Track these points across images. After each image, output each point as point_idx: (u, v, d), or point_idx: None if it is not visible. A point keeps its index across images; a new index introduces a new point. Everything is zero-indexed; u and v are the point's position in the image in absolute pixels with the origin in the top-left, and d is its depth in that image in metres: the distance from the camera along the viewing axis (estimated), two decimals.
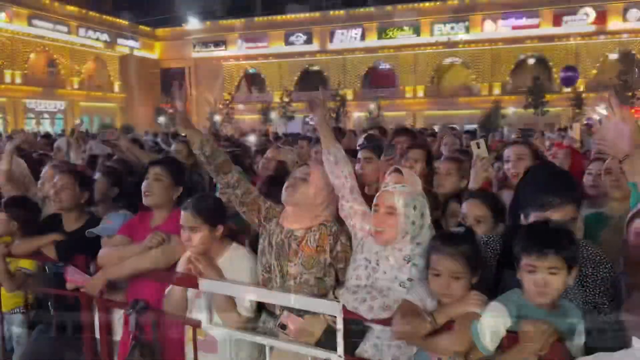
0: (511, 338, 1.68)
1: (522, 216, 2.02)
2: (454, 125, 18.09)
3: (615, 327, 1.69)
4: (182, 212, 2.45)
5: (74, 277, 2.79)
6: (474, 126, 31.19)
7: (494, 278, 1.99)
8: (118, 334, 2.90)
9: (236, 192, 2.44)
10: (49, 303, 3.06)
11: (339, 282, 2.30)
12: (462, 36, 41.73)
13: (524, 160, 2.96)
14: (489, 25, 41.71)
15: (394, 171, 2.65)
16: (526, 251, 1.70)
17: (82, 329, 2.92)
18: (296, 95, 40.07)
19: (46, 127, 36.91)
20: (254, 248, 2.56)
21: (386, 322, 1.92)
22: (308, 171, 2.36)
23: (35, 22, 38.06)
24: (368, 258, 2.12)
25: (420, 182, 2.65)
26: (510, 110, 37.28)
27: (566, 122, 30.66)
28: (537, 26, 40.59)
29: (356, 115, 40.71)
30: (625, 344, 1.45)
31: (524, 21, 40.75)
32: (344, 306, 2.02)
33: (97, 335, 2.92)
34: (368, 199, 2.36)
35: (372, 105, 37.86)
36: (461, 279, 1.82)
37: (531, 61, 41.28)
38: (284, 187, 2.36)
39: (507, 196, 2.67)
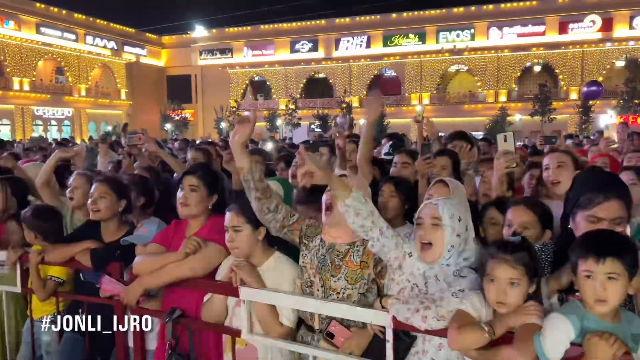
0: (574, 350, 1.64)
1: (570, 220, 2.00)
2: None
3: None
4: (227, 213, 2.45)
5: (108, 286, 2.76)
6: (480, 133, 31.16)
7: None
8: (152, 344, 2.87)
9: (277, 216, 2.38)
10: (80, 311, 3.03)
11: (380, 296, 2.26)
12: (467, 43, 41.79)
13: (564, 167, 2.91)
14: (494, 32, 41.79)
15: (439, 182, 2.63)
16: (583, 256, 1.66)
17: (115, 338, 2.90)
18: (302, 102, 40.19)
19: (53, 134, 37.09)
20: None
21: (440, 332, 1.89)
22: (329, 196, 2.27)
23: (44, 30, 38.40)
24: (411, 280, 2.07)
25: (464, 192, 2.63)
26: (516, 117, 37.22)
27: (574, 129, 30.62)
28: (542, 33, 40.65)
29: (362, 122, 40.69)
30: None
31: (529, 28, 40.81)
32: (393, 317, 1.99)
33: (131, 344, 2.90)
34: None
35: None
36: (518, 286, 1.78)
37: (537, 68, 41.33)
38: (323, 208, 2.30)
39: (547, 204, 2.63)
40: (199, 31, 45.04)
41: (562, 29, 40.24)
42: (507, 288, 1.77)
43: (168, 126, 41.70)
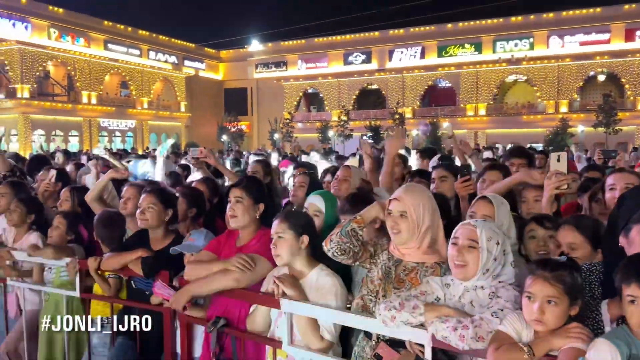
0: None
1: (621, 237, 1.91)
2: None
3: None
4: (274, 221, 2.52)
5: (161, 290, 2.88)
6: (540, 145, 30.09)
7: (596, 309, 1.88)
8: (198, 351, 2.96)
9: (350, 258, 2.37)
10: (132, 317, 3.17)
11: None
12: (526, 53, 40.58)
13: None
14: (554, 41, 40.39)
15: (482, 199, 2.58)
16: (626, 281, 1.61)
17: (163, 344, 3.01)
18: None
19: (117, 144, 39.00)
20: None
21: (480, 353, 1.84)
22: (402, 206, 2.25)
23: (111, 46, 40.65)
24: (447, 303, 2.03)
25: (509, 210, 2.56)
26: (578, 128, 35.69)
27: None
28: (607, 41, 38.88)
29: (415, 134, 40.30)
30: None
31: (593, 36, 39.14)
32: (432, 335, 1.96)
33: (178, 351, 3.00)
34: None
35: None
36: (556, 305, 1.71)
37: (601, 78, 39.49)
38: (389, 228, 2.27)
39: None
40: (255, 45, 46.24)
41: (629, 37, 38.31)
42: (545, 306, 1.72)
43: (224, 138, 42.87)
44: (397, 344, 2.19)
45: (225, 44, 51.18)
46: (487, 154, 8.89)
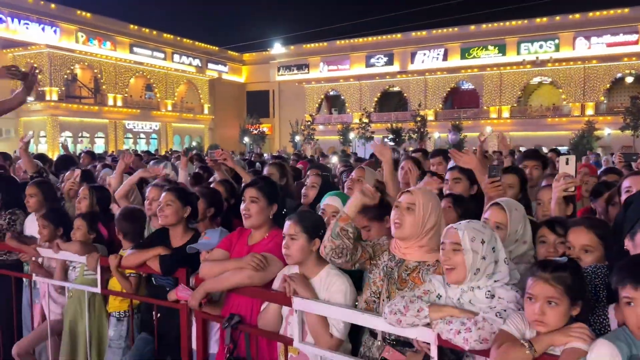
0: None
1: (627, 240, 1.92)
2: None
3: None
4: (286, 222, 2.59)
5: (182, 292, 2.99)
6: (565, 148, 29.59)
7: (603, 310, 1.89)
8: (214, 347, 3.04)
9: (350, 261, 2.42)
10: (153, 313, 3.28)
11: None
12: (551, 54, 39.93)
13: None
14: (581, 42, 39.66)
15: (494, 205, 2.58)
16: (621, 282, 1.64)
17: (180, 340, 3.10)
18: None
19: (142, 146, 39.67)
20: None
21: (484, 353, 1.88)
22: (412, 199, 2.30)
23: (136, 49, 41.40)
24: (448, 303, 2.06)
25: (523, 213, 2.56)
26: (605, 131, 34.95)
27: None
28: (636, 42, 38.01)
29: (437, 136, 40.01)
30: None
31: (620, 37, 38.32)
32: (438, 334, 2.00)
33: (194, 347, 3.09)
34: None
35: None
36: (557, 306, 1.74)
37: (629, 79, 38.59)
38: (392, 220, 2.31)
39: None
40: (277, 48, 46.54)
41: None
42: (546, 307, 1.74)
43: (246, 139, 43.24)
44: (402, 344, 2.23)
45: (247, 47, 51.69)
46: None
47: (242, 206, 2.88)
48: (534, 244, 2.60)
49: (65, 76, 36.85)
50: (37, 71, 3.93)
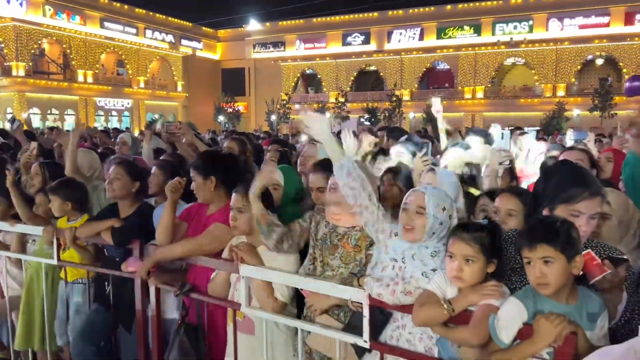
0: (527, 330, 1.73)
1: (546, 210, 2.05)
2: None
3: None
4: (233, 194, 2.67)
5: (132, 265, 3.07)
6: (536, 129, 30.17)
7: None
8: (168, 313, 3.14)
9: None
10: (106, 283, 3.34)
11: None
12: (525, 36, 40.35)
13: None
14: (554, 24, 40.14)
15: (430, 171, 2.76)
16: (520, 245, 1.80)
17: (135, 308, 3.18)
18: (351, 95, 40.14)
19: (114, 124, 38.96)
20: None
21: (407, 308, 2.02)
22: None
23: (107, 24, 40.29)
24: (394, 257, 2.19)
25: (457, 180, 2.72)
26: (574, 112, 35.70)
27: None
28: (607, 25, 38.64)
29: (412, 116, 40.31)
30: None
31: (592, 20, 38.90)
32: (369, 294, 2.13)
33: (149, 314, 3.17)
34: None
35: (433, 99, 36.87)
36: (473, 263, 1.89)
37: (599, 62, 39.34)
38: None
39: None
40: (253, 25, 45.84)
41: (628, 20, 38.06)
42: (463, 264, 1.89)
43: (221, 118, 42.83)
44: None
45: (222, 23, 50.86)
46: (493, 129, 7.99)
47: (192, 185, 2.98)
48: (472, 214, 2.77)
49: (33, 51, 35.73)
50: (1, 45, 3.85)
